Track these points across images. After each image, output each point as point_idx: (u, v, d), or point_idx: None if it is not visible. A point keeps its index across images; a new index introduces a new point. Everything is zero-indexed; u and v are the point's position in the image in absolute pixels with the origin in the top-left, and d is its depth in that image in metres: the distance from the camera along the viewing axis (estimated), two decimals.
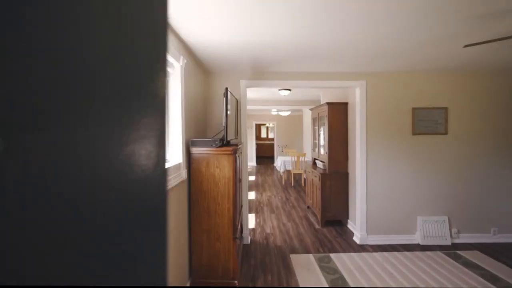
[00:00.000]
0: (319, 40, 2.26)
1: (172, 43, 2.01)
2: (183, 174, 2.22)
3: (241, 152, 3.19)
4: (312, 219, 4.55)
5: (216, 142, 2.35)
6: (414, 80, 3.57)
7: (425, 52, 2.64)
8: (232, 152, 2.35)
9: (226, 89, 2.41)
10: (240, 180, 2.95)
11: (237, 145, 2.74)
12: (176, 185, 2.11)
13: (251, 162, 11.72)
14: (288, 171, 8.64)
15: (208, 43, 2.33)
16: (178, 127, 2.21)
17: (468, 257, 3.17)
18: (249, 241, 3.55)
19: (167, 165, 1.75)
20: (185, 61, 2.30)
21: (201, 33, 2.11)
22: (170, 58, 2.03)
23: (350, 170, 4.13)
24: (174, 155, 2.22)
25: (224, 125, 2.41)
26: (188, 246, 2.42)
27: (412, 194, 3.61)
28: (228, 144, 2.73)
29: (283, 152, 11.36)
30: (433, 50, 2.57)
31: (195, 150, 2.37)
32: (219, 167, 2.37)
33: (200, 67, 3.12)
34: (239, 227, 2.88)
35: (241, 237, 3.44)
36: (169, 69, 2.14)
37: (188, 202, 2.42)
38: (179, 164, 2.18)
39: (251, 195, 6.30)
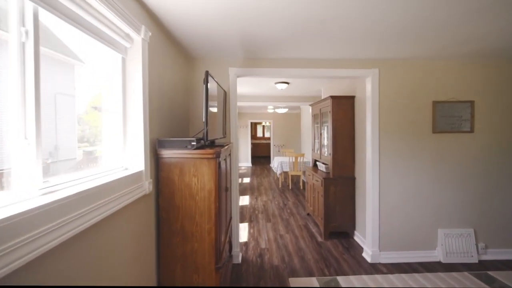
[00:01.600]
0: (326, 7, 1.70)
1: (124, 4, 1.43)
2: (146, 186, 1.64)
3: (229, 154, 2.62)
4: (313, 229, 3.99)
5: (193, 143, 1.77)
6: (435, 68, 3.02)
7: (468, 28, 2.09)
8: (214, 155, 1.78)
9: (207, 73, 1.83)
10: (227, 189, 2.38)
11: (222, 146, 2.16)
12: (135, 201, 1.54)
13: (247, 162, 11.15)
14: (286, 173, 8.09)
15: (180, 8, 1.75)
16: (138, 123, 1.63)
17: (503, 280, 2.63)
18: (240, 260, 2.98)
19: (120, 175, 1.14)
20: (150, 34, 1.72)
21: None
22: (122, 25, 1.45)
23: (357, 174, 3.58)
24: (134, 160, 1.63)
25: (204, 120, 1.83)
26: (156, 279, 1.85)
27: (431, 202, 3.07)
28: (212, 145, 2.15)
29: (280, 152, 10.81)
30: (479, 25, 2.01)
31: (165, 154, 1.79)
32: (196, 176, 1.80)
33: (178, 49, 2.54)
34: (226, 248, 2.31)
35: (230, 256, 2.87)
36: (123, 42, 1.55)
37: (155, 222, 1.84)
38: (139, 172, 1.59)
39: (245, 200, 5.73)
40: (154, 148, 1.80)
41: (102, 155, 1.56)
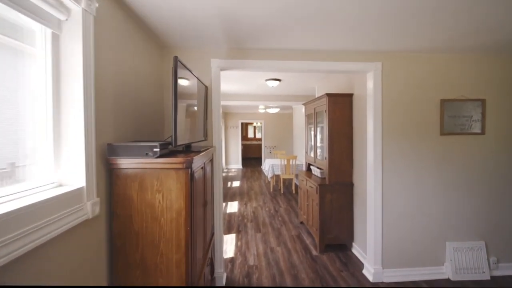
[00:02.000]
0: None
1: None
2: (88, 208, 1.22)
3: (210, 160, 2.21)
4: (307, 241, 3.63)
5: (155, 149, 1.36)
6: (442, 63, 2.70)
7: (478, 17, 1.75)
8: (184, 165, 1.37)
9: (175, 58, 1.43)
10: (206, 203, 1.97)
11: (199, 151, 1.75)
12: (71, 230, 1.12)
13: (237, 164, 10.74)
14: (277, 176, 7.74)
15: None
16: (77, 122, 1.21)
17: None
18: (224, 282, 2.57)
19: (45, 196, 0.72)
20: (96, 5, 1.30)
21: None
22: None
23: (355, 180, 3.23)
24: (72, 173, 1.21)
25: (172, 119, 1.42)
26: None
27: (439, 212, 2.75)
28: (187, 151, 1.74)
29: (272, 153, 10.44)
30: (491, 14, 1.68)
31: (120, 163, 1.37)
32: (161, 192, 1.39)
33: (147, 33, 2.12)
34: (206, 272, 1.91)
35: (213, 279, 2.46)
36: (54, 13, 1.13)
37: (107, 253, 1.42)
38: (78, 190, 1.17)
39: (234, 206, 5.32)
40: (103, 155, 1.38)
41: (25, 167, 1.13)
